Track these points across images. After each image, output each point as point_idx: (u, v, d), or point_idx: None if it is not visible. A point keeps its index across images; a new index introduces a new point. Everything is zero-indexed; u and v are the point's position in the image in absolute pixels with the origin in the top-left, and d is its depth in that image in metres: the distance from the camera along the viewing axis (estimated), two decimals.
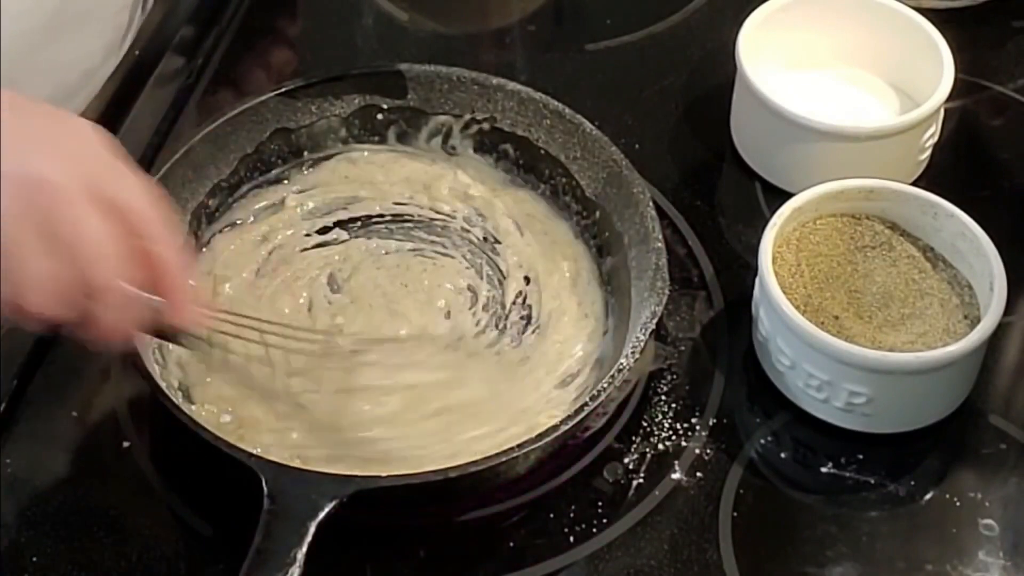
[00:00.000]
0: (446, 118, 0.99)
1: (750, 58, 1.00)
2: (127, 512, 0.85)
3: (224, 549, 0.83)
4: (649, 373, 0.91)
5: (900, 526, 0.85)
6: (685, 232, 0.99)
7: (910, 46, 1.02)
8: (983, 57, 1.11)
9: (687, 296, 0.95)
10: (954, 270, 0.91)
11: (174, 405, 0.81)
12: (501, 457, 0.80)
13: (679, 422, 0.89)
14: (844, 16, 1.04)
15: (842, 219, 0.93)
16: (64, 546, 0.83)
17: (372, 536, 0.83)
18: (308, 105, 0.98)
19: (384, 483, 0.79)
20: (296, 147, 0.98)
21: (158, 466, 0.86)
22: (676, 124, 1.07)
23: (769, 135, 1.00)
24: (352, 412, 0.86)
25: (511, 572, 0.83)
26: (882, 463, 0.88)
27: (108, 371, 0.91)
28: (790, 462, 0.88)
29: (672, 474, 0.87)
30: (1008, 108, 1.09)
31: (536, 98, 0.97)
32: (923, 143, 1.00)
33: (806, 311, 0.88)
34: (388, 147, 1.00)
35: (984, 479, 0.87)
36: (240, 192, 0.96)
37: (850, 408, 0.87)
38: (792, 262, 0.91)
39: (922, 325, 0.88)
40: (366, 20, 1.16)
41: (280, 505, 0.76)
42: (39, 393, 0.89)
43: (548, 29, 1.17)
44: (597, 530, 0.84)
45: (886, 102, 1.04)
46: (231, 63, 1.11)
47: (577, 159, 0.96)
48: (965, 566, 0.83)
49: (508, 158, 0.99)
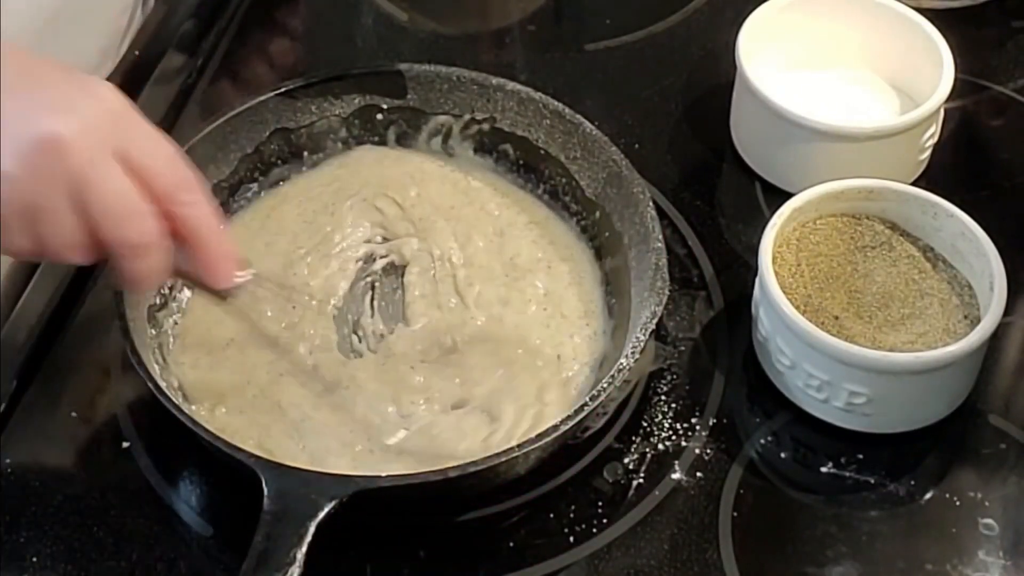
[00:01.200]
0: (446, 118, 0.99)
1: (750, 58, 1.00)
2: (127, 512, 0.85)
3: (224, 549, 0.83)
4: (649, 373, 0.91)
5: (900, 526, 0.85)
6: (685, 232, 0.99)
7: (910, 46, 1.02)
8: (983, 57, 1.11)
9: (687, 296, 0.95)
10: (954, 270, 0.91)
11: (174, 405, 0.81)
12: (501, 457, 0.80)
13: (679, 422, 0.89)
14: (844, 16, 1.04)
15: (842, 219, 0.93)
16: (64, 546, 0.83)
17: (372, 536, 0.83)
18: (308, 105, 0.98)
19: (384, 483, 0.78)
20: (296, 147, 0.98)
21: (158, 466, 0.86)
22: (676, 124, 1.07)
23: (769, 135, 1.00)
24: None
25: (511, 572, 0.83)
26: (882, 463, 0.88)
27: (108, 371, 0.91)
28: (790, 462, 0.88)
29: (672, 474, 0.87)
30: (1008, 108, 1.09)
31: (536, 98, 0.97)
32: (923, 143, 1.00)
33: (806, 311, 0.88)
34: (388, 147, 1.00)
35: (984, 479, 0.87)
36: (240, 192, 0.97)
37: (850, 408, 0.87)
38: (792, 262, 0.91)
39: (922, 325, 0.88)
40: (366, 20, 1.16)
41: (280, 505, 0.76)
42: (39, 393, 0.89)
43: (548, 29, 1.17)
44: (597, 530, 0.84)
45: (886, 102, 1.04)
46: (233, 61, 1.11)
47: (577, 159, 0.96)
48: (965, 566, 0.83)
49: (508, 158, 0.99)
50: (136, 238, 0.73)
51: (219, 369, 0.89)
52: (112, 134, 0.72)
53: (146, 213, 0.73)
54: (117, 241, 0.72)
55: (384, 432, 0.86)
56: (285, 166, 0.98)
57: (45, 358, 0.91)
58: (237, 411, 0.87)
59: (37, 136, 0.70)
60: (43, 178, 0.70)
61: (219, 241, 0.77)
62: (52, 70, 0.74)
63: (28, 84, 0.71)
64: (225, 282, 0.79)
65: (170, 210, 0.74)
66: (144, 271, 0.74)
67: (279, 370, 0.88)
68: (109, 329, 0.89)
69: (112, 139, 0.72)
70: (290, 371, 0.88)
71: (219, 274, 0.78)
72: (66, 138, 0.70)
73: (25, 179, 0.70)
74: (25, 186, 0.70)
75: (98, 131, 0.71)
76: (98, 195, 0.71)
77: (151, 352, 0.87)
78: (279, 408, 0.87)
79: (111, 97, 0.73)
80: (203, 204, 0.76)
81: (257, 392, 0.87)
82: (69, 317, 0.93)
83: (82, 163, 0.70)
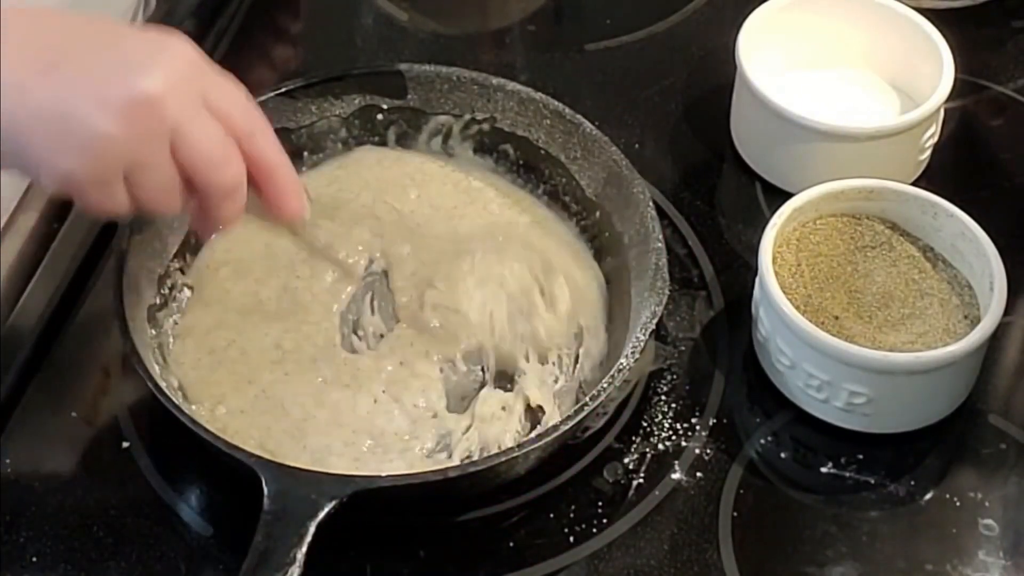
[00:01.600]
0: (446, 118, 0.99)
1: (750, 58, 1.00)
2: (127, 512, 0.85)
3: (224, 549, 0.83)
4: (649, 373, 0.91)
5: (900, 526, 0.85)
6: (685, 232, 0.99)
7: (910, 46, 1.02)
8: (983, 57, 1.11)
9: (687, 296, 0.95)
10: (954, 270, 0.91)
11: (174, 405, 0.81)
12: (501, 457, 0.80)
13: (679, 422, 0.89)
14: (844, 16, 1.04)
15: (842, 219, 0.93)
16: (64, 546, 0.83)
17: (372, 536, 0.83)
18: (308, 105, 0.98)
19: (384, 483, 0.79)
20: (296, 147, 0.98)
21: (158, 466, 0.86)
22: (676, 124, 1.07)
23: (769, 135, 1.00)
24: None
25: (511, 572, 0.83)
26: (882, 463, 0.88)
27: (108, 371, 0.91)
28: (790, 462, 0.88)
29: (672, 474, 0.87)
30: (1008, 108, 1.09)
31: (536, 98, 0.97)
32: (923, 143, 1.00)
33: (806, 311, 0.88)
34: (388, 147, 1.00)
35: (984, 479, 0.87)
36: None
37: (850, 408, 0.87)
38: (792, 262, 0.91)
39: (922, 325, 0.88)
40: (366, 20, 1.16)
41: (280, 505, 0.76)
42: (39, 393, 0.89)
43: (548, 29, 1.17)
44: (597, 530, 0.84)
45: (886, 102, 1.04)
46: (233, 61, 1.11)
47: (577, 159, 0.96)
48: (965, 566, 0.83)
49: (508, 158, 0.99)
50: (231, 180, 0.76)
51: (219, 369, 0.88)
52: (195, 83, 0.74)
53: (237, 155, 0.76)
54: (214, 184, 0.75)
55: (386, 432, 0.86)
56: None
57: (45, 358, 0.91)
58: (238, 411, 0.87)
59: (129, 95, 0.71)
60: (142, 135, 0.72)
61: (291, 174, 0.80)
62: (127, 30, 0.76)
63: (108, 46, 0.73)
64: (298, 212, 0.81)
65: (246, 149, 0.77)
66: (233, 210, 0.77)
67: (280, 370, 0.88)
68: (109, 329, 0.89)
69: (196, 88, 0.74)
70: (292, 371, 0.88)
71: (292, 205, 0.81)
72: (158, 93, 0.72)
73: (125, 138, 0.71)
74: (125, 145, 0.72)
75: (184, 82, 0.73)
76: (195, 143, 0.73)
77: (151, 352, 0.87)
78: (280, 408, 0.87)
79: (187, 48, 0.75)
80: (275, 141, 0.79)
81: (258, 392, 0.87)
82: (69, 317, 0.93)
83: (176, 115, 0.72)
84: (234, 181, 0.76)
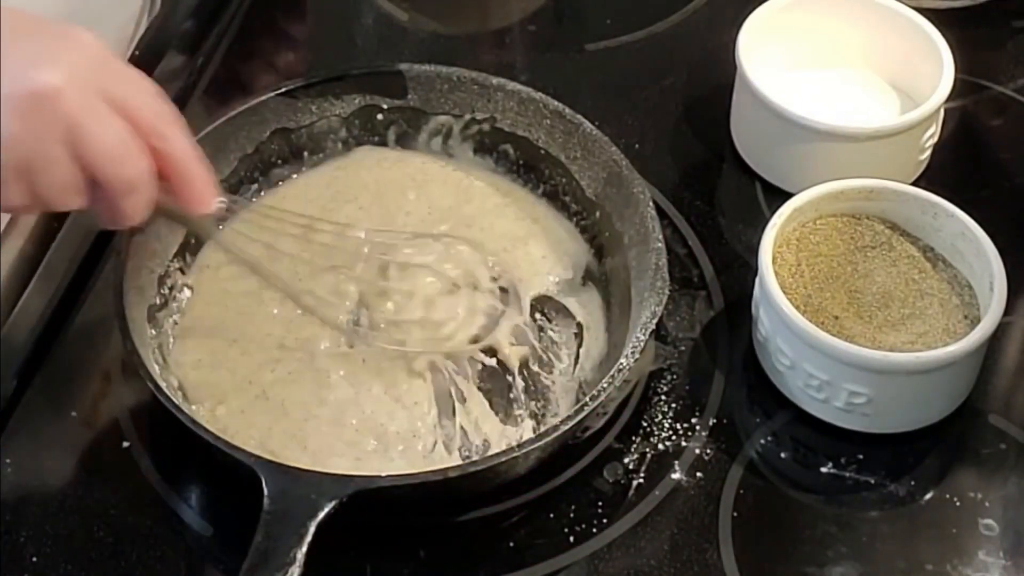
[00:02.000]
0: (446, 118, 0.99)
1: (750, 58, 1.00)
2: (127, 512, 0.85)
3: (224, 549, 0.83)
4: (649, 373, 0.91)
5: (900, 526, 0.85)
6: (685, 232, 0.99)
7: (910, 46, 1.02)
8: (983, 57, 1.11)
9: (687, 296, 0.95)
10: (954, 270, 0.91)
11: (174, 406, 0.81)
12: (501, 457, 0.80)
13: (679, 422, 0.89)
14: (844, 16, 1.04)
15: (842, 219, 0.93)
16: (64, 546, 0.83)
17: (372, 536, 0.83)
18: (308, 105, 0.98)
19: (384, 483, 0.79)
20: (296, 147, 0.98)
21: (158, 466, 0.86)
22: (676, 124, 1.07)
23: (769, 135, 1.00)
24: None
25: (511, 572, 0.83)
26: (882, 463, 0.88)
27: (108, 371, 0.91)
28: (790, 462, 0.88)
29: (672, 474, 0.87)
30: (1008, 108, 1.09)
31: (536, 98, 0.97)
32: (923, 143, 1.00)
33: (806, 311, 0.88)
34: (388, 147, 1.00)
35: (984, 479, 0.87)
36: (240, 192, 0.97)
37: (850, 408, 0.87)
38: (792, 262, 0.91)
39: (922, 325, 0.88)
40: (366, 20, 1.16)
41: (280, 505, 0.76)
42: (39, 393, 0.89)
43: (548, 29, 1.17)
44: (597, 530, 0.84)
45: (886, 102, 1.04)
46: (233, 61, 1.11)
47: (577, 159, 0.96)
48: (965, 566, 0.83)
49: (508, 158, 0.99)
50: (133, 175, 0.75)
51: (220, 369, 0.89)
52: (98, 78, 0.73)
53: (139, 150, 0.75)
54: (115, 180, 0.74)
55: (387, 432, 0.86)
56: (285, 166, 0.98)
57: (45, 359, 0.91)
58: (238, 411, 0.87)
59: (28, 90, 0.71)
60: (40, 130, 0.71)
61: (200, 169, 0.79)
62: (28, 22, 0.75)
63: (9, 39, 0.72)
64: (207, 207, 0.80)
65: (153, 144, 0.76)
66: (136, 207, 0.76)
67: (281, 370, 0.88)
68: (109, 330, 0.89)
69: (98, 83, 0.73)
70: (292, 371, 0.88)
71: (202, 200, 0.80)
72: (57, 88, 0.71)
73: (23, 134, 0.71)
74: (23, 141, 0.71)
75: (85, 77, 0.73)
76: (94, 138, 0.73)
77: (151, 352, 0.87)
78: (281, 408, 0.87)
79: (91, 42, 0.74)
80: (183, 136, 0.78)
81: (259, 392, 0.87)
82: (69, 318, 0.93)
83: (75, 110, 0.72)
84: (136, 177, 0.75)
